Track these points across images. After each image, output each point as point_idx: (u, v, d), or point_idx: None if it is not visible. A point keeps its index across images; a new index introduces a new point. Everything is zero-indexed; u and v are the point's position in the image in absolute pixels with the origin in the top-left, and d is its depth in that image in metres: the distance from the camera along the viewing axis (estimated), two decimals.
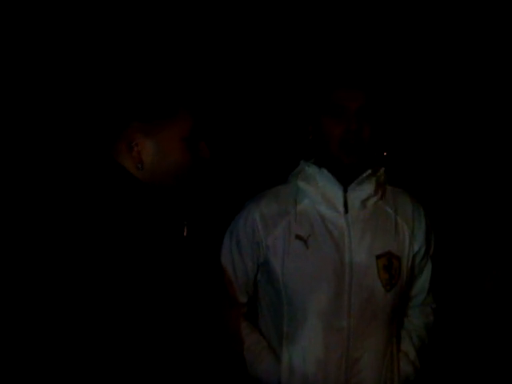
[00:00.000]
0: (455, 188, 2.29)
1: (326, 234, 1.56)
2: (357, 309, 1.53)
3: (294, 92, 2.18)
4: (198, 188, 1.37)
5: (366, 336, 1.54)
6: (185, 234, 1.37)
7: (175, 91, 1.26)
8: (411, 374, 1.64)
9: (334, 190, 1.58)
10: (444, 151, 2.36)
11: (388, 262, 1.57)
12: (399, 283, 1.58)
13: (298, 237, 1.57)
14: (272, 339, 1.63)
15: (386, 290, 1.55)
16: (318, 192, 1.60)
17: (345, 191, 1.58)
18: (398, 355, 1.64)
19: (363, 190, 1.59)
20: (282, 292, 1.57)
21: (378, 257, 1.56)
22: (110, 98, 1.26)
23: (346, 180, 1.58)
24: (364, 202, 1.59)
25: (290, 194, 1.63)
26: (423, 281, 1.70)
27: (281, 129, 2.33)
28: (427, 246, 1.66)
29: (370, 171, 1.58)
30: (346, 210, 1.58)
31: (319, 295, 1.53)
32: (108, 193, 1.19)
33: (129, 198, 1.20)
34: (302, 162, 1.68)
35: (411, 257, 1.62)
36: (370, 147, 1.56)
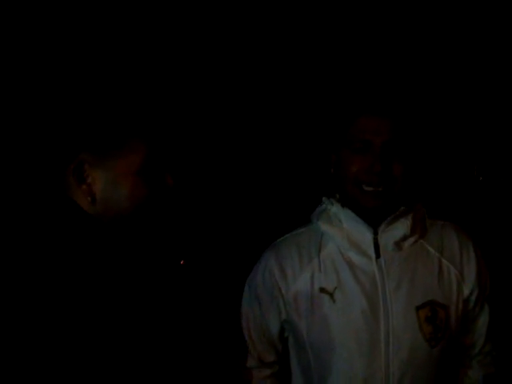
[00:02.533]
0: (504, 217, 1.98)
1: (356, 284, 1.34)
2: (396, 370, 1.30)
3: (315, 119, 1.96)
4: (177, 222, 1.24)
5: None
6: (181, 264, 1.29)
7: (125, 120, 1.16)
8: None
9: (362, 233, 1.36)
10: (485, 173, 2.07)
11: (432, 313, 1.34)
12: (447, 336, 1.34)
13: (322, 290, 1.36)
14: None
15: (431, 346, 1.32)
16: (343, 235, 1.38)
17: (375, 233, 1.36)
18: None
19: (397, 230, 1.36)
20: (309, 354, 1.38)
21: (419, 308, 1.33)
22: (57, 129, 1.18)
23: (375, 220, 1.36)
24: (399, 244, 1.36)
25: (312, 239, 1.43)
26: (479, 328, 1.44)
27: (301, 159, 2.10)
28: (481, 288, 1.40)
29: (403, 208, 1.35)
30: (378, 255, 1.35)
31: (351, 358, 1.32)
32: (56, 230, 1.11)
33: (79, 235, 1.12)
34: (325, 200, 1.47)
35: (461, 304, 1.37)
36: (400, 187, 1.32)
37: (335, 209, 1.41)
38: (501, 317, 1.48)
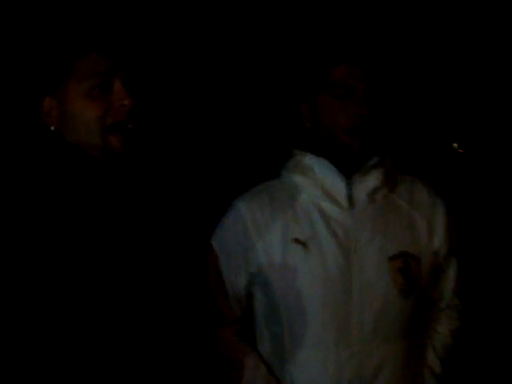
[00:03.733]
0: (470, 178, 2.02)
1: (329, 234, 1.32)
2: (369, 321, 1.30)
3: (284, 68, 1.91)
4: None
5: (381, 351, 1.31)
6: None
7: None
8: None
9: (337, 183, 1.34)
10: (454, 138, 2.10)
11: (404, 265, 1.33)
12: (419, 288, 1.34)
13: (296, 240, 1.33)
14: (272, 361, 1.40)
15: (403, 297, 1.32)
16: (317, 185, 1.36)
17: (349, 183, 1.34)
18: (421, 369, 1.41)
19: (370, 181, 1.35)
20: (280, 306, 1.34)
21: (392, 258, 1.33)
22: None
23: (348, 170, 1.34)
24: (372, 195, 1.36)
25: (284, 190, 1.40)
26: (448, 281, 1.45)
27: (267, 113, 2.05)
28: (449, 242, 1.41)
29: (376, 159, 1.34)
30: (352, 205, 1.34)
31: (324, 308, 1.30)
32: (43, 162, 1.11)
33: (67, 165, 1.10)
34: (297, 152, 1.44)
35: (431, 256, 1.38)
36: (378, 133, 1.32)
37: (308, 159, 1.38)
38: (467, 273, 1.49)
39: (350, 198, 1.34)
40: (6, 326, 0.96)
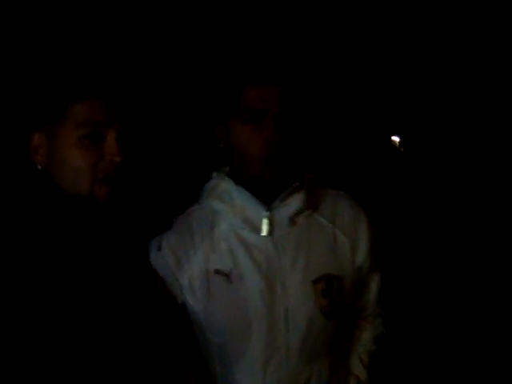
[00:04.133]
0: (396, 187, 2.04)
1: (251, 263, 1.30)
2: (295, 345, 1.30)
3: (199, 89, 1.83)
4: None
5: (308, 370, 1.33)
6: None
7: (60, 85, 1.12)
8: None
9: (256, 210, 1.31)
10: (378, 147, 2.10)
11: (327, 286, 1.33)
12: (342, 307, 1.36)
13: (218, 272, 1.30)
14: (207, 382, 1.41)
15: (327, 318, 1.33)
16: (236, 213, 1.32)
17: (269, 210, 1.31)
18: (347, 379, 1.45)
19: (290, 205, 1.32)
20: (208, 337, 1.33)
21: (315, 282, 1.32)
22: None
23: (268, 196, 1.31)
24: (293, 219, 1.33)
25: (203, 218, 1.35)
26: (371, 292, 1.47)
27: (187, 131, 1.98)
28: (372, 256, 1.42)
29: (296, 184, 1.31)
30: (272, 232, 1.31)
31: (251, 337, 1.29)
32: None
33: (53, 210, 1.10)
34: (215, 175, 1.38)
35: (355, 272, 1.39)
36: (295, 157, 1.28)
37: (226, 184, 1.34)
38: (391, 280, 1.52)
39: (271, 225, 1.31)
40: None
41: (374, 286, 1.47)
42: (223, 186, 1.34)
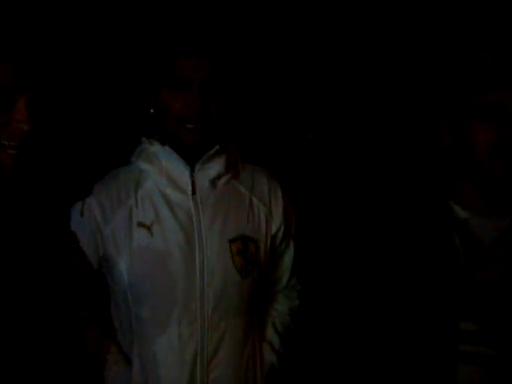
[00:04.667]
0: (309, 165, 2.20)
1: (173, 218, 1.39)
2: (210, 299, 1.38)
3: (133, 57, 1.96)
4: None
5: (222, 327, 1.40)
6: None
7: None
8: (276, 363, 1.54)
9: (180, 170, 1.42)
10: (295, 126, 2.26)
11: (243, 247, 1.44)
12: (257, 268, 1.45)
13: (140, 224, 1.39)
14: (122, 342, 1.45)
15: (242, 276, 1.42)
16: (162, 173, 1.42)
17: (192, 171, 1.42)
18: (260, 344, 1.52)
19: (212, 168, 1.44)
20: (126, 288, 1.39)
21: (232, 241, 1.42)
22: None
23: (192, 158, 1.42)
24: (214, 182, 1.45)
25: (131, 177, 1.44)
26: (285, 263, 1.58)
27: (120, 98, 2.09)
28: (287, 226, 1.54)
29: (217, 147, 1.43)
30: (194, 192, 1.42)
31: (167, 288, 1.37)
32: None
33: None
34: (144, 140, 1.50)
35: (269, 239, 1.50)
36: (217, 123, 1.41)
37: (154, 148, 1.45)
38: (306, 254, 1.63)
39: (193, 185, 1.42)
40: None
41: (287, 257, 1.57)
42: (152, 149, 1.45)
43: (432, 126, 1.35)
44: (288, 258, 1.58)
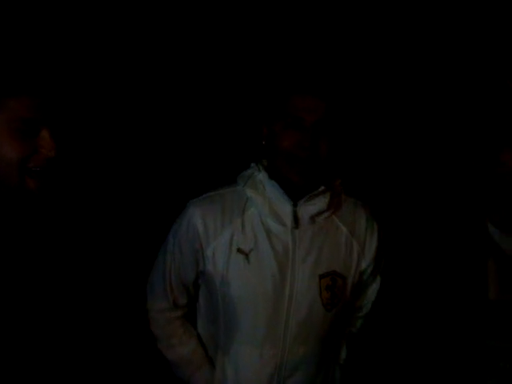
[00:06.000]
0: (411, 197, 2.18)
1: (270, 249, 1.46)
2: (294, 327, 1.47)
3: (252, 91, 1.97)
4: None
5: (302, 352, 1.50)
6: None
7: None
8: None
9: (283, 203, 1.47)
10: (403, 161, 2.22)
11: (332, 282, 1.50)
12: (341, 302, 1.52)
13: (239, 250, 1.47)
14: (208, 346, 1.60)
15: (327, 309, 1.49)
16: (265, 203, 1.48)
17: (295, 205, 1.47)
18: (334, 366, 1.62)
19: (315, 206, 1.48)
20: (219, 304, 1.50)
21: (322, 276, 1.49)
22: None
23: (297, 193, 1.46)
24: (314, 218, 1.49)
25: (236, 201, 1.51)
26: (369, 295, 1.64)
27: (234, 125, 2.12)
28: (376, 264, 1.58)
29: (323, 188, 1.46)
30: (296, 226, 1.47)
31: (256, 313, 1.47)
32: None
33: None
34: (253, 166, 1.55)
35: (358, 275, 1.55)
36: (324, 164, 1.43)
37: (261, 176, 1.49)
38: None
39: (295, 219, 1.47)
40: None
41: (373, 288, 1.63)
42: (259, 176, 1.50)
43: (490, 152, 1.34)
44: (372, 290, 1.63)
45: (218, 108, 2.09)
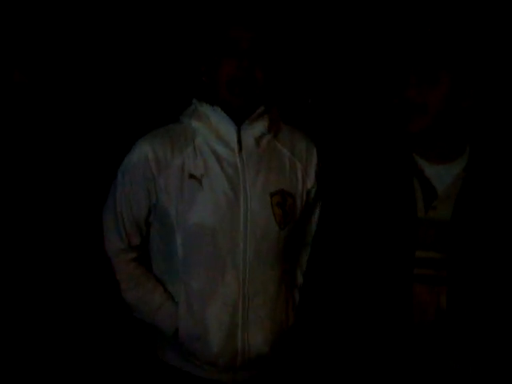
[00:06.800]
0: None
1: (221, 172, 1.54)
2: (252, 246, 1.53)
3: (185, 31, 2.09)
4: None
5: (261, 272, 1.56)
6: None
7: None
8: None
9: (228, 128, 1.55)
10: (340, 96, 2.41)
11: (282, 200, 1.59)
12: (293, 221, 1.61)
13: (191, 176, 1.53)
14: (167, 283, 1.61)
15: (280, 228, 1.57)
16: (211, 130, 1.56)
17: (238, 130, 1.56)
18: (292, 290, 1.69)
19: (256, 128, 1.58)
20: (175, 233, 1.54)
21: (272, 194, 1.57)
22: None
23: (239, 118, 1.56)
24: (258, 140, 1.59)
25: (183, 133, 1.58)
26: (314, 218, 1.73)
27: (171, 67, 2.23)
28: (319, 183, 1.69)
29: (262, 108, 1.57)
30: (240, 148, 1.56)
31: (215, 234, 1.51)
32: None
33: None
34: (195, 101, 1.63)
35: (305, 194, 1.65)
36: (261, 88, 1.54)
37: (204, 108, 1.58)
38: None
39: (240, 143, 1.56)
40: None
41: (315, 214, 1.73)
42: (202, 109, 1.59)
43: (401, 84, 1.46)
44: (317, 214, 1.73)
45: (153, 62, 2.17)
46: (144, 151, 1.54)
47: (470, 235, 1.43)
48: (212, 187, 1.52)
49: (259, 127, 1.58)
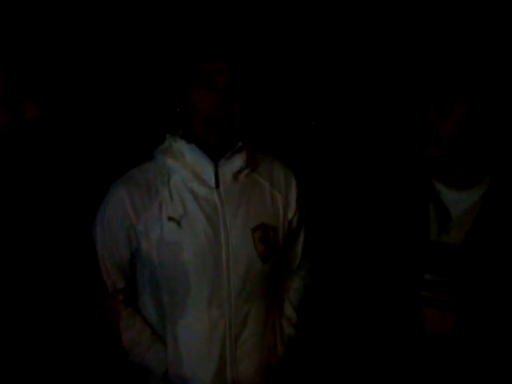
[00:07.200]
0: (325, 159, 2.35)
1: (199, 212, 1.50)
2: (236, 283, 1.51)
3: (160, 60, 2.04)
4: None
5: (246, 309, 1.54)
6: None
7: None
8: (294, 335, 1.70)
9: (204, 165, 1.52)
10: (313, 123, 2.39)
11: (263, 234, 1.56)
12: (276, 253, 1.59)
13: (170, 218, 1.50)
14: (155, 324, 1.59)
15: (263, 262, 1.55)
16: (187, 169, 1.53)
17: (216, 166, 1.53)
18: (280, 320, 1.68)
19: (234, 163, 1.55)
20: (158, 276, 1.51)
21: (254, 230, 1.55)
22: None
23: (215, 154, 1.53)
24: (235, 175, 1.56)
25: (158, 173, 1.54)
26: (298, 246, 1.72)
27: (143, 99, 2.18)
28: (300, 212, 1.67)
29: (240, 144, 1.54)
30: (218, 185, 1.53)
31: (197, 275, 1.49)
32: None
33: None
34: (168, 137, 1.59)
35: (286, 224, 1.63)
36: (238, 123, 1.51)
37: (178, 145, 1.54)
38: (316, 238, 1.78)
39: (217, 179, 1.53)
40: None
41: (301, 239, 1.72)
42: (176, 146, 1.55)
43: (421, 111, 1.50)
44: (301, 242, 1.72)
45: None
46: (120, 197, 1.50)
47: (480, 263, 1.45)
48: (192, 227, 1.50)
49: (237, 162, 1.55)
